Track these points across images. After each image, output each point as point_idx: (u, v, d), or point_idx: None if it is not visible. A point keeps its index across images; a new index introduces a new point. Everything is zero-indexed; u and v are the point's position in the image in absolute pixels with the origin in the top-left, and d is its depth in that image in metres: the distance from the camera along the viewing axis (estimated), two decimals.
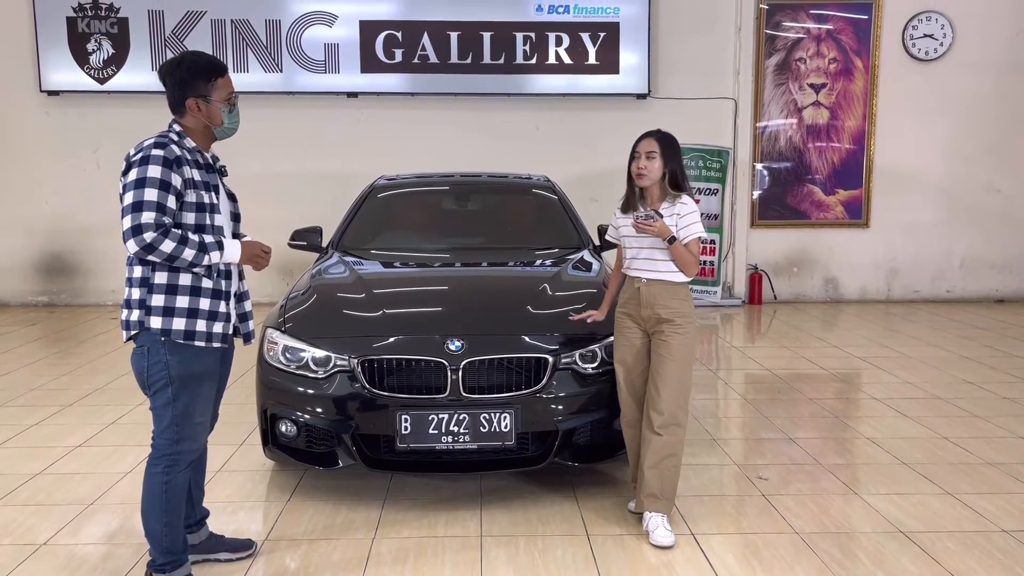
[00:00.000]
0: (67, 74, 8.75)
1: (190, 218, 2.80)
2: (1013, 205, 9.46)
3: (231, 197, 3.08)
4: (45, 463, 4.30)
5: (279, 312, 4.03)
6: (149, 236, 2.67)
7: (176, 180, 2.74)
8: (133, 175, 2.72)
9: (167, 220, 2.72)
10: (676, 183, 3.48)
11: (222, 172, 3.05)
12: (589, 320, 3.73)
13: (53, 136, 8.95)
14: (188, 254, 2.73)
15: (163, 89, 2.93)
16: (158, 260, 2.73)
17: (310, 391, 3.64)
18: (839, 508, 3.75)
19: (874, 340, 7.40)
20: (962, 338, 7.44)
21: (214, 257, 2.81)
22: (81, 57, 8.73)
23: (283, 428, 3.72)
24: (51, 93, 8.83)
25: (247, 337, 3.13)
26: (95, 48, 8.73)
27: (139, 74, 8.74)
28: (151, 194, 2.68)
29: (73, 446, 4.56)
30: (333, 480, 4.01)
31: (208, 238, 2.81)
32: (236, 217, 3.11)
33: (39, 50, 8.71)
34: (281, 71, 8.87)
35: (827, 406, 5.36)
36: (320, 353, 3.67)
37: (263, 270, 3.13)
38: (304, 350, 3.70)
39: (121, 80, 8.77)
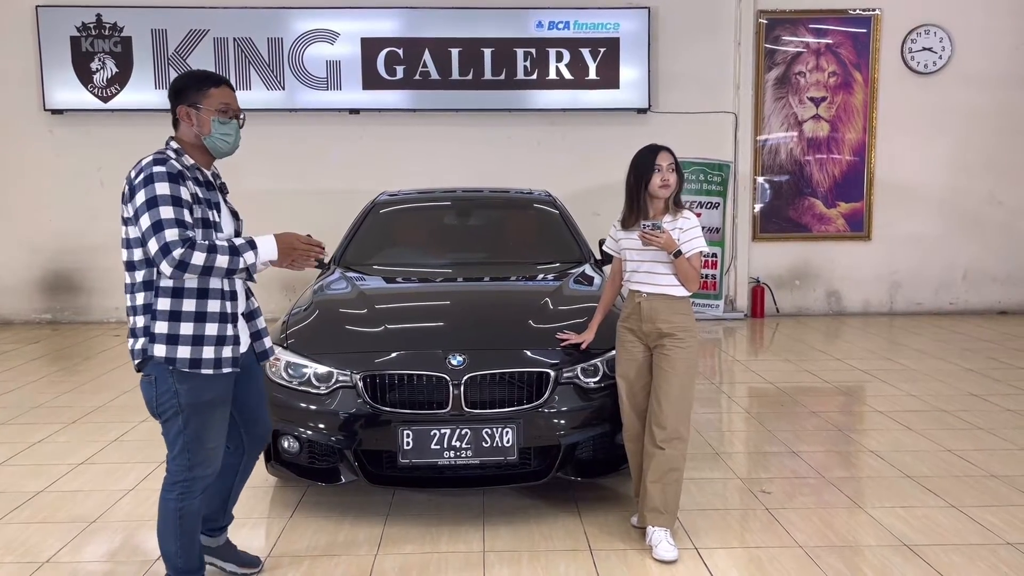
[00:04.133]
0: (71, 93, 8.80)
1: (197, 235, 2.71)
2: (1015, 217, 9.46)
3: (234, 215, 3.01)
4: (48, 480, 4.30)
5: (281, 328, 4.04)
6: (178, 253, 2.59)
7: (185, 193, 2.68)
8: (141, 197, 2.64)
9: (190, 233, 2.65)
10: (677, 197, 3.53)
11: (223, 190, 2.99)
12: (582, 346, 3.74)
13: (57, 155, 8.99)
14: (222, 261, 2.64)
15: (166, 108, 2.89)
16: (194, 275, 2.65)
17: (312, 407, 3.64)
18: (843, 522, 3.74)
19: (877, 353, 7.39)
20: (965, 350, 7.43)
21: (248, 258, 2.71)
22: (85, 76, 8.78)
23: (286, 444, 3.72)
24: (55, 112, 8.88)
25: (261, 356, 3.08)
26: (99, 67, 8.79)
27: (143, 92, 8.78)
28: (167, 212, 2.61)
29: (76, 463, 4.56)
30: (335, 496, 4.00)
31: (237, 240, 2.73)
32: (238, 235, 3.02)
33: (43, 69, 8.76)
34: (283, 88, 8.91)
35: (831, 419, 5.35)
36: (322, 369, 3.67)
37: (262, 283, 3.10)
38: (306, 366, 3.70)
39: (125, 99, 8.81)
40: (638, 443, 3.55)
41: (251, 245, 2.74)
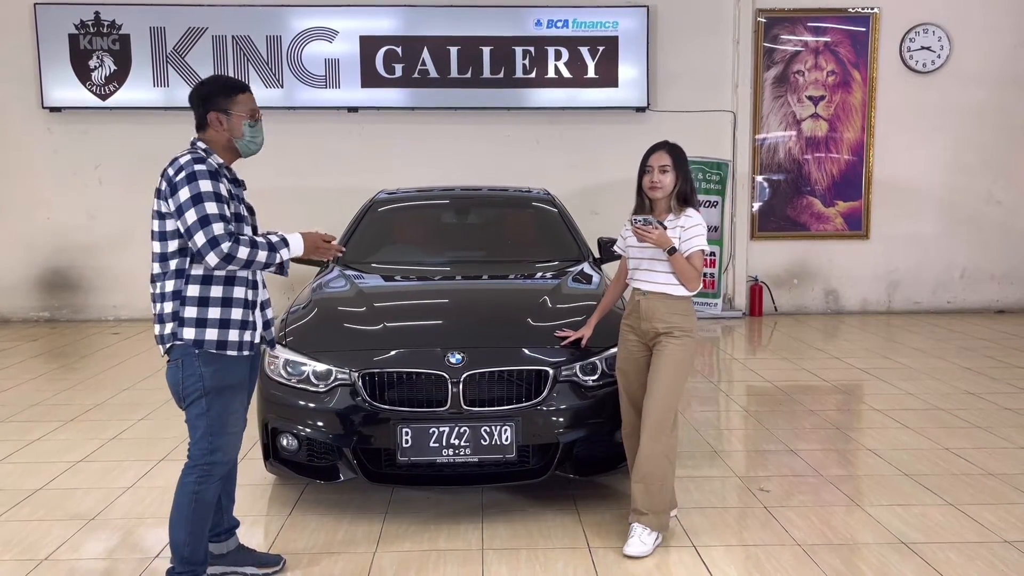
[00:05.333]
0: (69, 91, 8.79)
1: (231, 228, 2.87)
2: (1013, 216, 9.48)
3: (250, 211, 3.14)
4: (46, 478, 4.30)
5: (280, 326, 4.03)
6: (226, 246, 2.77)
7: (223, 189, 2.86)
8: (186, 193, 2.78)
9: (232, 228, 2.83)
10: (684, 196, 3.49)
11: (242, 187, 3.13)
12: (582, 343, 3.74)
13: (55, 153, 8.98)
14: (262, 256, 2.85)
15: (164, 105, 3.00)
16: (237, 267, 2.83)
17: (311, 405, 3.64)
18: (841, 520, 3.74)
19: (875, 351, 7.40)
20: (963, 349, 7.44)
21: (283, 254, 2.93)
22: (83, 74, 8.77)
23: (284, 442, 3.72)
24: (53, 110, 8.86)
25: (272, 344, 3.22)
26: (97, 65, 8.78)
27: (141, 90, 8.77)
28: (212, 207, 2.78)
29: (74, 461, 4.56)
30: (334, 494, 4.01)
31: (273, 237, 2.93)
32: (254, 230, 3.15)
33: (41, 67, 8.75)
34: (282, 86, 8.91)
35: (828, 418, 5.35)
36: (321, 367, 3.68)
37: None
38: (305, 364, 3.70)
39: (123, 96, 8.80)
40: (636, 439, 3.54)
41: (285, 243, 2.94)
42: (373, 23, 8.92)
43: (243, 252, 2.80)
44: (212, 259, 2.77)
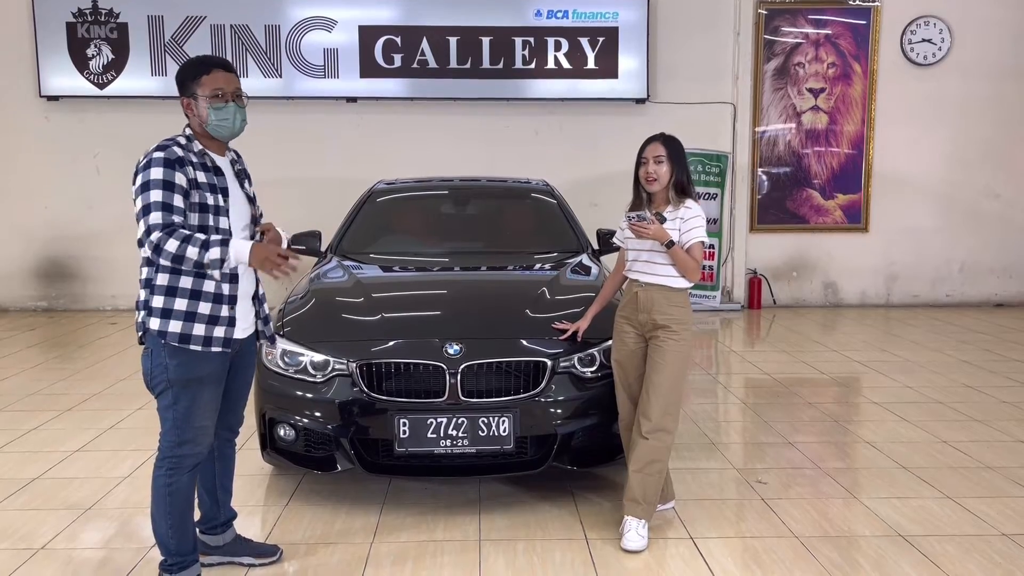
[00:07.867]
0: (67, 79, 8.75)
1: (194, 219, 2.79)
2: (1012, 209, 9.46)
3: (251, 201, 3.05)
4: (44, 467, 4.29)
5: (277, 316, 4.02)
6: (155, 236, 2.67)
7: (180, 179, 2.74)
8: (139, 180, 2.74)
9: (175, 219, 2.71)
10: (682, 187, 3.47)
11: (241, 176, 3.04)
12: (578, 335, 3.73)
13: (52, 141, 8.94)
14: (192, 252, 2.67)
15: (162, 95, 2.95)
16: (168, 261, 2.70)
17: (308, 395, 3.63)
18: (839, 512, 3.74)
19: (874, 344, 7.40)
20: (961, 342, 7.44)
21: (213, 253, 2.68)
22: (81, 62, 8.73)
23: (281, 432, 3.72)
24: (51, 98, 8.83)
25: (273, 339, 3.18)
26: (95, 53, 8.74)
27: (139, 79, 8.73)
28: (156, 195, 2.69)
29: (72, 450, 4.56)
30: (331, 484, 4.00)
31: (214, 236, 2.75)
32: (254, 220, 3.07)
33: (39, 55, 8.71)
34: (280, 76, 8.87)
35: (827, 410, 5.35)
36: (318, 357, 3.67)
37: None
38: (302, 354, 3.69)
39: (120, 85, 8.76)
40: (633, 431, 3.54)
41: (224, 244, 2.72)
42: (372, 13, 8.88)
43: (171, 245, 2.65)
44: (146, 248, 2.70)
